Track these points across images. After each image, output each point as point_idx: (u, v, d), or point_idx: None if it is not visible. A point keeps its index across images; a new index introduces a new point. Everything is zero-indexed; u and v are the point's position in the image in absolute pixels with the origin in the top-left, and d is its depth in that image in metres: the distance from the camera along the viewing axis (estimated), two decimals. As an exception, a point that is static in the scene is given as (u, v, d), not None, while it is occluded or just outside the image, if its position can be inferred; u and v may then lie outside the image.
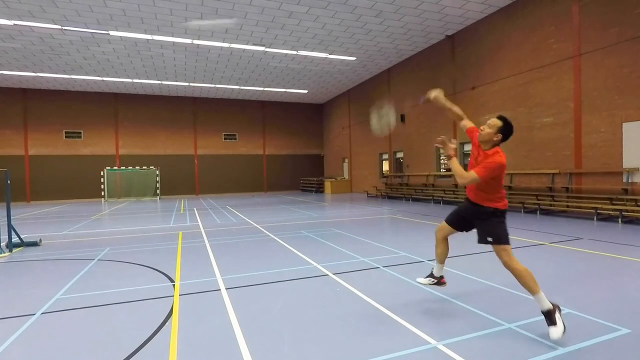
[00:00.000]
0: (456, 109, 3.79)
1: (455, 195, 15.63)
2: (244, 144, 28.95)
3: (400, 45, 17.26)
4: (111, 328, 3.59)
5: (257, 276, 5.28)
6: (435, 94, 3.68)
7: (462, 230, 3.76)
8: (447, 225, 3.79)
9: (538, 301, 3.11)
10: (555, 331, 2.96)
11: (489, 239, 3.32)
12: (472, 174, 3.22)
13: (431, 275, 3.96)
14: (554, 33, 11.65)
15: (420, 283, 4.03)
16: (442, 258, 3.87)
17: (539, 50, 12.18)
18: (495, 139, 3.33)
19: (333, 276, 5.17)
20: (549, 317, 3.03)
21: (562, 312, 3.59)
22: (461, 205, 3.73)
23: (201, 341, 3.24)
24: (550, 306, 3.07)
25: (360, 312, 3.83)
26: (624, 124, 9.96)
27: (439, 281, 3.94)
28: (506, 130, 3.33)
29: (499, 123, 3.32)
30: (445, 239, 3.85)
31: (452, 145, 3.40)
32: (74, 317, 3.93)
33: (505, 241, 3.27)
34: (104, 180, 24.26)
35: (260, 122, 29.35)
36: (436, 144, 3.47)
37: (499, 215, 3.37)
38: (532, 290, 3.13)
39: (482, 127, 3.40)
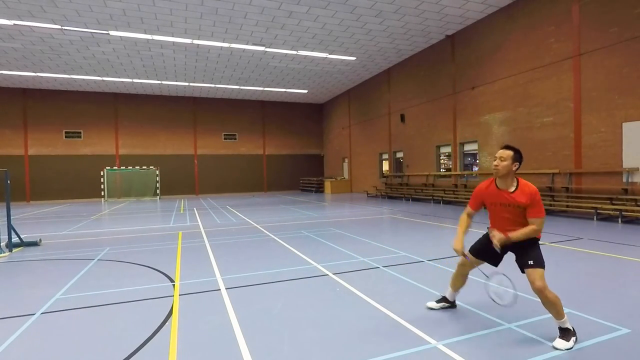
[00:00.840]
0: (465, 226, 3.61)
1: (455, 195, 15.63)
2: (244, 144, 28.95)
3: (400, 45, 17.26)
4: (111, 328, 3.59)
5: (257, 276, 5.28)
6: (499, 241, 3.22)
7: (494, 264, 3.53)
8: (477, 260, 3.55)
9: (562, 324, 3.00)
10: (563, 344, 2.92)
11: (530, 262, 3.11)
12: (540, 220, 3.07)
13: (445, 300, 3.80)
14: (554, 33, 11.65)
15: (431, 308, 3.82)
16: (459, 286, 3.70)
17: (538, 50, 12.18)
18: (514, 168, 3.19)
19: (333, 276, 5.17)
20: (566, 335, 2.97)
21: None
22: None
23: (201, 341, 3.24)
24: (570, 327, 3.01)
25: (360, 312, 3.83)
26: (623, 123, 9.96)
27: (452, 305, 3.82)
28: (520, 157, 3.24)
29: (511, 153, 3.19)
30: (467, 272, 3.67)
31: (502, 237, 3.17)
32: (74, 317, 3.93)
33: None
34: (103, 180, 24.25)
35: (260, 122, 29.35)
36: (496, 243, 3.20)
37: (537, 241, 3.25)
38: (561, 317, 3.01)
39: (495, 164, 3.23)
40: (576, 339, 2.98)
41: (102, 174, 24.37)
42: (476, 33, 14.71)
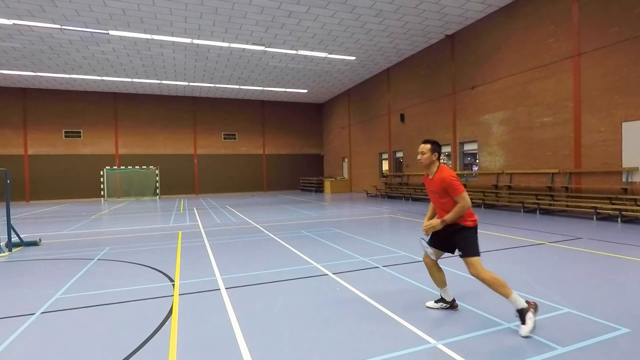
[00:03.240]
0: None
1: (454, 195, 15.61)
2: (244, 144, 28.94)
3: (400, 45, 17.25)
4: (111, 328, 3.59)
5: (257, 276, 5.28)
6: (426, 227, 3.58)
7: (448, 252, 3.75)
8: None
9: (512, 302, 3.24)
10: (523, 329, 3.13)
11: (460, 254, 3.49)
12: (459, 196, 3.40)
13: (442, 300, 3.83)
14: (554, 32, 11.65)
15: (430, 307, 3.88)
16: (442, 281, 3.78)
17: (538, 50, 12.18)
18: (434, 158, 3.62)
19: (333, 276, 5.17)
20: (521, 316, 3.19)
21: (562, 311, 3.60)
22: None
23: (201, 341, 3.24)
24: (524, 305, 3.20)
25: (360, 311, 3.84)
26: (623, 123, 9.97)
27: (452, 305, 3.79)
28: (438, 146, 3.67)
29: (429, 145, 3.63)
30: (436, 264, 3.81)
31: (433, 223, 3.49)
32: (74, 316, 3.93)
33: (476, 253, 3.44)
34: (103, 179, 24.25)
35: (259, 121, 29.34)
36: (427, 232, 3.58)
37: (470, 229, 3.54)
38: (505, 295, 3.25)
39: (418, 158, 3.68)
40: (534, 311, 3.18)
41: (101, 173, 24.37)
42: (476, 33, 14.71)
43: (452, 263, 5.71)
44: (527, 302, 3.24)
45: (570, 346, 2.94)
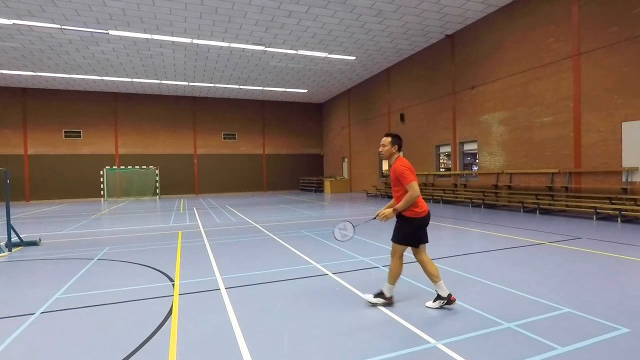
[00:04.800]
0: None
1: (454, 195, 15.63)
2: (244, 144, 28.94)
3: (400, 45, 17.25)
4: (111, 327, 3.59)
5: (257, 276, 5.28)
6: (380, 216, 3.78)
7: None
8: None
9: (386, 288, 3.86)
10: (370, 297, 3.88)
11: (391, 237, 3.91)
12: (408, 185, 3.64)
13: (439, 298, 3.80)
14: (554, 32, 11.65)
15: (371, 302, 3.98)
16: (435, 275, 3.83)
17: (538, 50, 12.18)
18: (393, 150, 3.88)
19: (333, 275, 5.18)
20: (380, 296, 3.85)
21: (562, 311, 3.60)
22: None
23: (201, 340, 3.24)
24: (388, 295, 3.84)
25: (360, 311, 3.84)
26: (623, 123, 9.97)
27: (449, 300, 3.77)
28: (398, 139, 3.93)
29: (389, 139, 3.90)
30: (422, 258, 3.94)
31: (385, 212, 3.75)
32: (74, 316, 3.93)
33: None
34: (103, 179, 24.24)
35: (259, 121, 29.34)
36: (380, 220, 3.79)
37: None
38: (389, 282, 3.86)
39: (379, 150, 3.99)
40: (385, 303, 3.83)
41: (101, 173, 24.37)
42: (476, 33, 14.71)
43: (452, 263, 5.72)
44: (391, 297, 3.86)
45: (570, 346, 2.94)
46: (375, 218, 3.78)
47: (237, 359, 2.90)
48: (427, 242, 3.95)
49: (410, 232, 3.77)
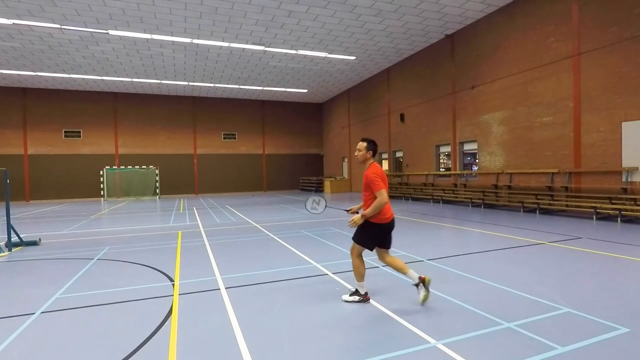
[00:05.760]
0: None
1: (454, 195, 15.63)
2: (244, 143, 28.94)
3: (400, 45, 17.25)
4: (110, 327, 3.59)
5: (257, 275, 5.28)
6: (351, 222, 3.93)
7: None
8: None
9: (358, 285, 4.01)
10: (346, 297, 4.04)
11: (352, 237, 4.08)
12: (378, 192, 3.74)
13: (417, 285, 3.99)
14: (554, 32, 11.65)
15: (347, 300, 4.14)
16: (402, 267, 4.04)
17: (538, 50, 12.18)
18: (368, 155, 4.03)
19: (333, 275, 5.18)
20: (355, 294, 4.02)
21: (562, 311, 3.60)
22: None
23: (201, 340, 3.24)
24: (363, 290, 4.00)
25: (360, 311, 3.84)
26: (623, 123, 9.97)
27: (424, 284, 3.95)
28: (373, 145, 4.06)
29: (365, 144, 4.04)
30: (387, 257, 4.15)
31: (355, 219, 3.87)
32: (74, 316, 3.93)
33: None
34: (103, 179, 24.24)
35: (259, 121, 29.33)
36: (351, 227, 3.95)
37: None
38: (357, 280, 4.01)
39: (355, 154, 4.12)
40: (360, 299, 3.99)
41: (101, 173, 24.37)
42: (476, 33, 14.70)
43: (452, 263, 5.72)
44: (366, 293, 4.01)
45: (570, 346, 2.94)
46: (348, 211, 4.11)
47: (237, 359, 2.89)
48: (390, 247, 4.09)
49: (372, 236, 3.91)
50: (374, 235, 3.91)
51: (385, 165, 22.44)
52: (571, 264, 5.51)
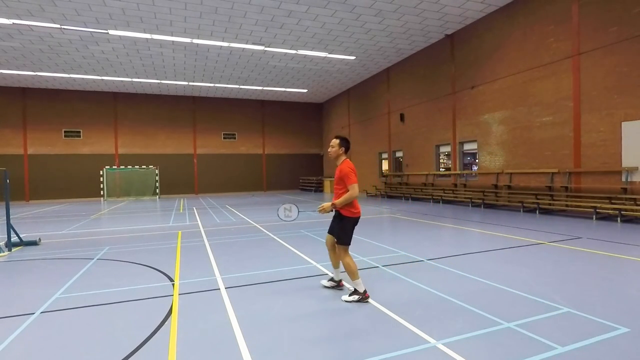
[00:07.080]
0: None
1: (454, 195, 15.63)
2: (244, 143, 28.94)
3: (400, 45, 17.25)
4: (110, 327, 3.59)
5: (257, 275, 5.28)
6: (320, 209, 4.16)
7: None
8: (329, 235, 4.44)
9: (354, 284, 4.07)
10: (346, 297, 4.08)
11: (336, 240, 4.21)
12: (351, 186, 3.99)
13: (332, 280, 4.57)
14: (554, 32, 11.65)
15: (325, 286, 4.61)
16: (336, 263, 4.46)
17: (538, 50, 12.18)
18: (341, 152, 4.28)
19: (332, 275, 5.17)
20: (354, 293, 4.08)
21: (562, 311, 3.61)
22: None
23: (201, 340, 3.24)
24: (361, 289, 4.04)
25: (360, 311, 3.84)
26: (623, 123, 9.97)
27: (338, 284, 4.53)
28: (345, 142, 4.30)
29: (337, 141, 4.28)
30: (333, 247, 4.39)
31: (324, 205, 4.10)
32: (73, 316, 3.93)
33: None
34: (103, 179, 24.24)
35: (259, 121, 29.33)
36: (320, 213, 4.16)
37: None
38: (352, 278, 4.07)
39: (328, 150, 4.37)
40: (360, 298, 4.02)
41: (101, 173, 24.36)
42: (476, 32, 14.70)
43: (452, 263, 5.73)
44: (365, 291, 4.05)
45: (570, 346, 2.94)
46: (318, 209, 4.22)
47: (237, 359, 2.89)
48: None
49: (349, 229, 4.15)
50: (350, 228, 4.17)
51: (385, 165, 22.46)
52: (571, 264, 5.51)
